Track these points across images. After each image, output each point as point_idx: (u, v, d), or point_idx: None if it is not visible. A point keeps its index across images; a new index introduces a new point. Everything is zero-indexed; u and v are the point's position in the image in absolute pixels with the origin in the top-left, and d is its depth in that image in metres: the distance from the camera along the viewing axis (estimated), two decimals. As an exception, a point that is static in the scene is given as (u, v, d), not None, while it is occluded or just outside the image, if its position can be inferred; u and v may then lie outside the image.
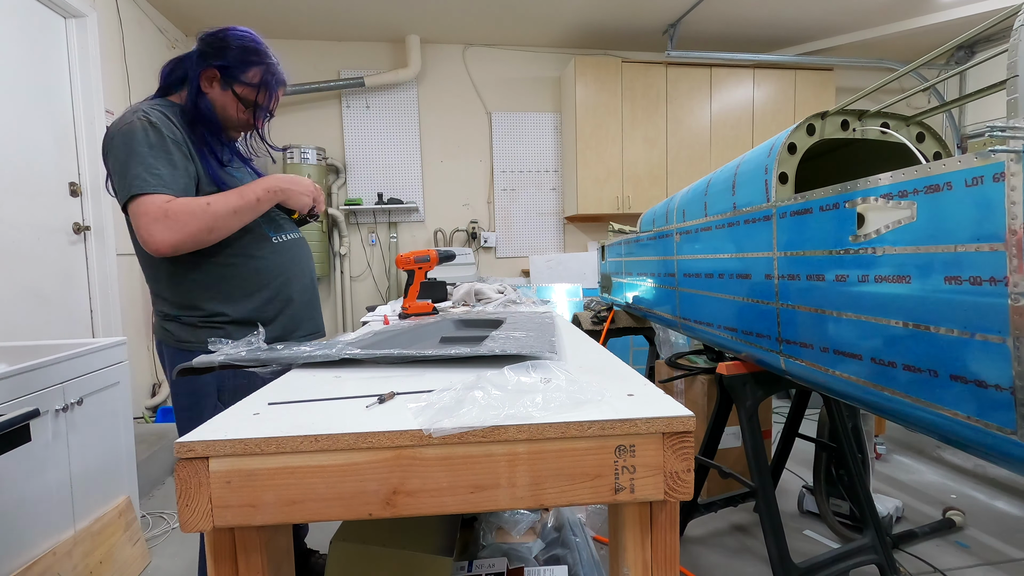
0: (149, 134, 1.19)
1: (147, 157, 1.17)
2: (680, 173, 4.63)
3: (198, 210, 1.19)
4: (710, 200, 1.64)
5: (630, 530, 0.70)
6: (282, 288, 1.37)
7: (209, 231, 1.21)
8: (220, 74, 1.29)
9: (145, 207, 1.16)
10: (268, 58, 1.33)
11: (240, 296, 1.31)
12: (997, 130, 0.75)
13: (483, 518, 1.43)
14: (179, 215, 1.17)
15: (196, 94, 1.29)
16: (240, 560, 0.67)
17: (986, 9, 3.99)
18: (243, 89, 1.31)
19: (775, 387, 1.62)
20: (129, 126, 1.19)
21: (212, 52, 1.29)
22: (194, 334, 1.29)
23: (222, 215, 1.22)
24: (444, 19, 4.23)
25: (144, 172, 1.17)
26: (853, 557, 1.67)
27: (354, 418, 0.67)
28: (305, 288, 1.44)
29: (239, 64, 1.29)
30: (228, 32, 1.31)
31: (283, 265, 1.38)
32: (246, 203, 1.26)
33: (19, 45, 2.58)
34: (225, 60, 1.29)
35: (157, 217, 1.16)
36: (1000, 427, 0.80)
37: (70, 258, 2.86)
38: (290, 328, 1.39)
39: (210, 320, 1.30)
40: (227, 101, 1.32)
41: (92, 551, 1.72)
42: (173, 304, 1.30)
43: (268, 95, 1.34)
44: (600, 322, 2.83)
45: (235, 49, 1.30)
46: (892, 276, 0.96)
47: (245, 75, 1.30)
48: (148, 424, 3.21)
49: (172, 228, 1.16)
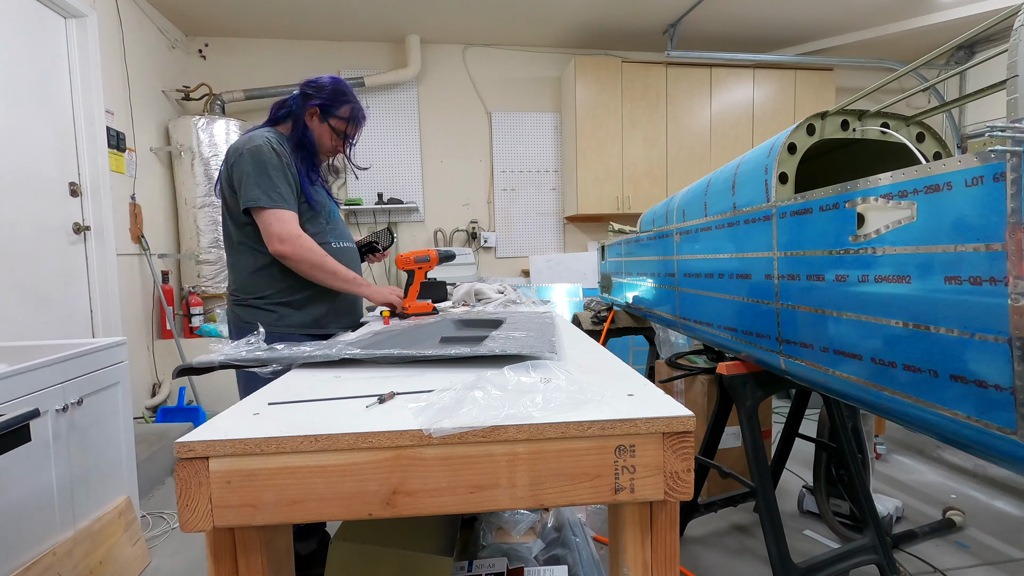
0: (273, 157, 1.52)
1: (273, 176, 1.51)
2: (680, 173, 4.63)
3: (318, 252, 1.54)
4: (710, 200, 1.64)
5: (630, 530, 0.70)
6: (330, 290, 1.64)
7: (311, 267, 1.54)
8: (319, 111, 1.62)
9: (283, 219, 1.50)
10: (355, 99, 1.68)
11: (298, 288, 1.60)
12: (997, 130, 0.75)
13: (483, 518, 1.43)
14: (305, 243, 1.52)
15: (303, 128, 1.62)
16: (240, 560, 0.67)
17: (986, 9, 3.99)
18: (336, 122, 1.64)
19: (775, 387, 1.62)
20: (258, 147, 1.51)
21: (313, 94, 1.62)
22: (252, 315, 1.57)
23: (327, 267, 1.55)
24: (444, 19, 4.23)
25: (271, 189, 1.50)
26: (853, 557, 1.67)
27: (354, 418, 0.67)
28: (348, 296, 1.72)
29: (334, 103, 1.62)
30: (323, 78, 1.66)
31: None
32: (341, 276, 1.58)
33: (19, 45, 2.58)
34: (323, 99, 1.61)
35: (292, 233, 1.51)
36: (1000, 427, 0.80)
37: (70, 258, 2.86)
38: (332, 317, 1.67)
39: (270, 303, 1.59)
40: (323, 131, 1.64)
41: (92, 551, 1.72)
42: (245, 291, 1.60)
43: (356, 127, 1.69)
44: (600, 322, 2.83)
45: (330, 91, 1.62)
46: (892, 276, 0.96)
47: (339, 111, 1.64)
48: (148, 424, 3.21)
49: (295, 248, 1.50)
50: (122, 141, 3.28)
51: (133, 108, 3.44)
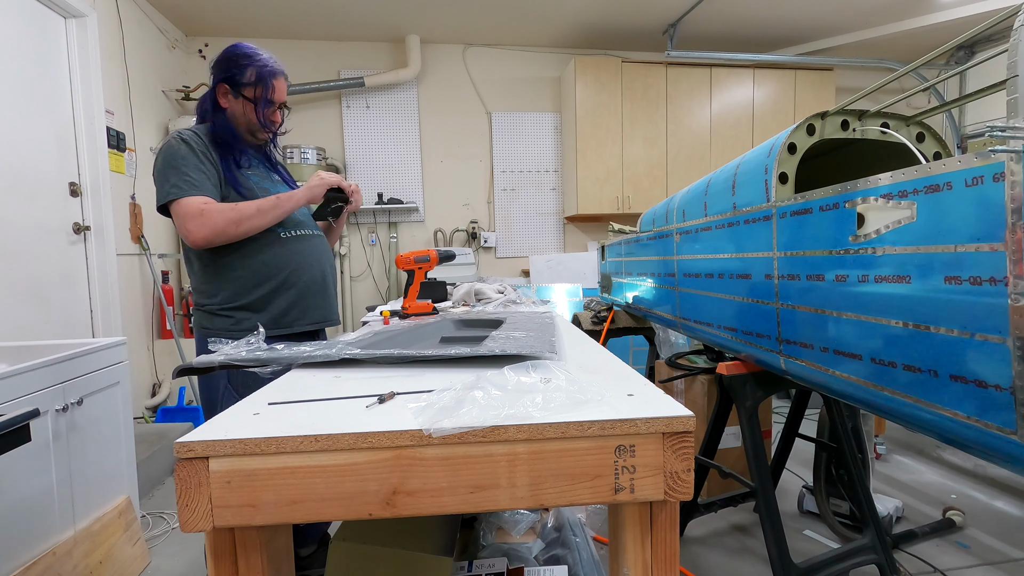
0: (182, 148, 1.42)
1: (181, 167, 1.41)
2: (680, 173, 4.63)
3: (226, 208, 1.41)
4: (710, 200, 1.64)
5: (630, 530, 0.70)
6: (288, 278, 1.52)
7: (236, 224, 1.41)
8: (228, 86, 1.50)
9: (184, 207, 1.39)
10: (258, 56, 1.51)
11: (250, 286, 1.49)
12: (997, 130, 0.75)
13: (483, 518, 1.43)
14: (211, 212, 1.39)
15: (214, 110, 1.52)
16: (240, 560, 0.67)
17: (986, 9, 3.99)
18: (246, 90, 1.50)
19: (775, 387, 1.62)
20: (167, 144, 1.44)
21: (217, 70, 1.51)
22: (211, 321, 1.49)
23: (246, 211, 1.43)
24: (444, 19, 4.23)
25: (179, 180, 1.40)
26: (853, 557, 1.67)
27: (354, 418, 0.67)
28: (314, 279, 1.58)
29: (237, 70, 1.49)
30: (225, 50, 1.53)
31: (289, 258, 1.53)
32: (267, 202, 1.46)
33: (19, 45, 2.58)
34: (227, 71, 1.50)
35: (193, 215, 1.38)
36: (1000, 427, 0.80)
37: (70, 258, 2.85)
38: (296, 315, 1.54)
39: (223, 308, 1.49)
40: (239, 106, 1.52)
41: (92, 551, 1.72)
42: (201, 295, 1.51)
43: (265, 86, 1.51)
44: (600, 322, 2.83)
45: (231, 60, 1.50)
46: (892, 276, 0.96)
47: (244, 77, 1.50)
48: (148, 424, 3.21)
49: (205, 224, 1.38)
50: (122, 141, 3.28)
51: (133, 108, 3.44)
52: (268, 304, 1.50)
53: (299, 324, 1.54)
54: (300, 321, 1.54)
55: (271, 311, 1.50)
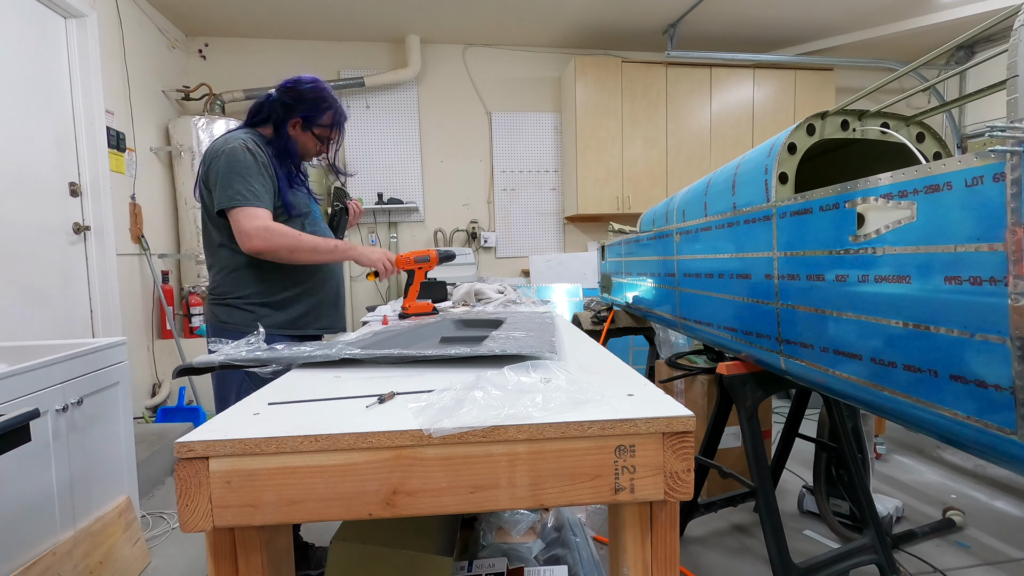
0: (247, 158, 1.50)
1: (247, 176, 1.49)
2: (680, 173, 4.63)
3: (291, 234, 1.52)
4: (710, 200, 1.64)
5: (630, 530, 0.70)
6: (310, 288, 1.66)
7: (290, 251, 1.52)
8: (302, 121, 1.62)
9: (251, 216, 1.48)
10: (336, 102, 1.66)
11: (279, 289, 1.61)
12: (997, 130, 0.75)
13: (483, 518, 1.43)
14: (275, 231, 1.49)
15: (286, 139, 1.61)
16: (240, 560, 0.67)
17: (986, 9, 3.99)
18: (320, 130, 1.65)
19: (775, 387, 1.62)
20: (233, 148, 1.50)
21: (293, 103, 1.60)
22: (230, 315, 1.58)
23: (305, 245, 1.54)
24: (444, 19, 4.23)
25: (244, 188, 1.48)
26: (853, 557, 1.67)
27: (354, 418, 0.67)
28: (331, 291, 1.73)
29: (315, 111, 1.62)
30: (302, 84, 1.62)
31: (315, 270, 1.67)
32: (325, 246, 1.57)
33: (19, 45, 2.58)
34: (305, 110, 1.61)
35: (260, 227, 1.47)
36: (1000, 427, 0.80)
37: (70, 258, 2.85)
38: (311, 319, 1.67)
39: (249, 303, 1.58)
40: (308, 140, 1.65)
41: (92, 551, 1.72)
42: (225, 289, 1.59)
43: (339, 133, 1.69)
44: (600, 322, 2.83)
45: (310, 100, 1.61)
46: (892, 276, 0.96)
47: (321, 119, 1.63)
48: (148, 424, 3.21)
49: (266, 239, 1.48)
50: (122, 141, 3.28)
51: (133, 108, 3.44)
52: (287, 306, 1.62)
53: (310, 328, 1.67)
54: (312, 325, 1.67)
55: (289, 313, 1.62)
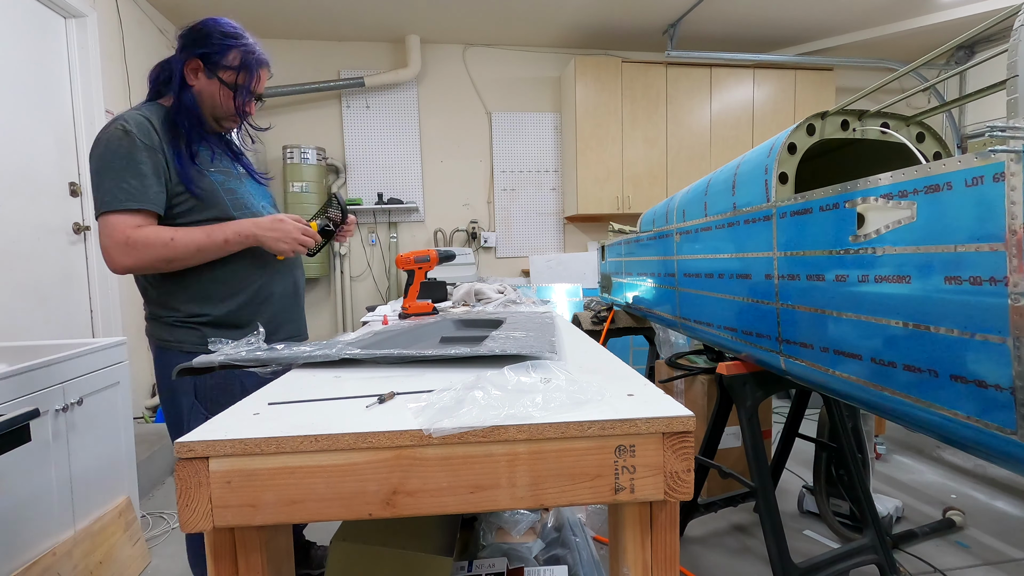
0: (123, 143, 1.21)
1: (119, 168, 1.20)
2: (680, 173, 4.63)
3: (159, 243, 1.21)
4: (710, 200, 1.64)
5: (630, 530, 0.70)
6: (260, 291, 1.38)
7: (167, 262, 1.24)
8: (203, 63, 1.30)
9: (110, 229, 1.20)
10: (245, 39, 1.33)
11: (218, 298, 1.32)
12: (997, 130, 0.75)
13: (483, 518, 1.43)
14: (138, 244, 1.20)
15: (180, 88, 1.30)
16: (240, 560, 0.67)
17: (986, 9, 3.99)
18: (226, 73, 1.31)
19: (775, 387, 1.62)
20: (107, 135, 1.22)
21: (192, 43, 1.30)
22: (171, 333, 1.32)
23: (182, 251, 1.23)
24: (444, 19, 4.23)
25: (114, 187, 1.19)
26: (853, 557, 1.67)
27: (354, 418, 0.67)
28: (286, 292, 1.44)
29: (219, 49, 1.29)
30: (205, 21, 1.31)
31: (262, 269, 1.38)
32: (212, 243, 1.26)
33: (19, 45, 2.58)
34: (205, 47, 1.29)
35: (119, 241, 1.19)
36: (1000, 427, 0.80)
37: (70, 258, 2.85)
38: (270, 331, 1.35)
39: (187, 320, 1.32)
40: (213, 89, 1.32)
41: (92, 551, 1.72)
42: (155, 304, 1.34)
43: (249, 75, 1.33)
44: (600, 322, 2.83)
45: (213, 35, 1.30)
46: (892, 276, 0.96)
47: (225, 59, 1.30)
48: (148, 424, 3.21)
49: (130, 255, 1.20)
50: (122, 141, 3.27)
51: (133, 108, 3.44)
52: (241, 320, 1.34)
53: (274, 338, 1.37)
54: (272, 338, 1.34)
55: (242, 329, 1.32)
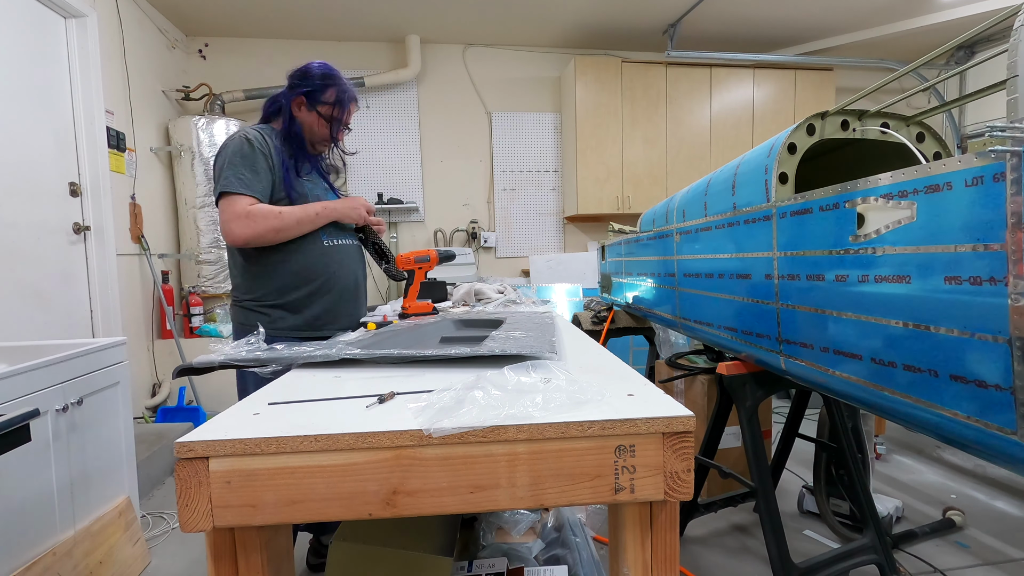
0: (244, 147, 1.49)
1: (239, 164, 1.48)
2: (680, 173, 4.63)
3: (271, 215, 1.48)
4: (710, 200, 1.64)
5: (630, 530, 0.70)
6: (325, 283, 1.61)
7: (277, 232, 1.49)
8: (306, 99, 1.60)
9: (232, 205, 1.45)
10: (340, 80, 1.63)
11: (291, 287, 1.57)
12: (997, 130, 0.75)
13: (483, 518, 1.43)
14: (256, 215, 1.46)
15: (290, 118, 1.60)
16: (240, 560, 0.67)
17: (986, 9, 3.99)
18: (323, 108, 1.61)
19: (775, 387, 1.62)
20: (231, 140, 1.51)
21: (298, 83, 1.60)
22: (247, 317, 1.55)
23: (289, 222, 1.51)
24: (444, 19, 4.23)
25: (233, 176, 1.46)
26: (853, 557, 1.67)
27: (354, 418, 0.67)
28: (347, 286, 1.67)
29: (319, 88, 1.59)
30: (310, 65, 1.62)
31: (329, 264, 1.61)
32: (307, 215, 1.54)
33: (19, 45, 2.58)
34: (308, 86, 1.59)
35: (240, 215, 1.45)
36: (1000, 427, 0.80)
37: (70, 258, 2.85)
38: (328, 319, 1.61)
39: (262, 305, 1.56)
40: (312, 119, 1.61)
41: (92, 551, 1.72)
42: (240, 290, 1.59)
43: (342, 109, 1.64)
44: (600, 322, 2.83)
45: (315, 77, 1.60)
46: (892, 276, 0.96)
47: (324, 95, 1.60)
48: (148, 424, 3.21)
49: (249, 226, 1.45)
50: (122, 141, 3.27)
51: (133, 108, 3.44)
52: (304, 307, 1.57)
53: (329, 328, 1.60)
54: (330, 325, 1.61)
55: (306, 314, 1.57)
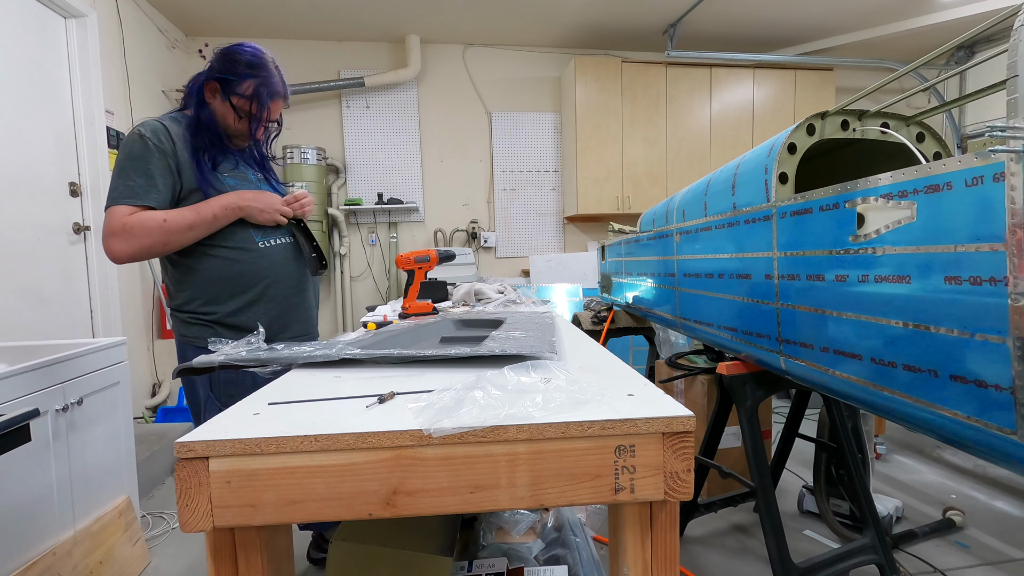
0: (135, 147, 1.31)
1: (127, 169, 1.30)
2: (680, 173, 4.63)
3: (153, 226, 1.29)
4: (710, 200, 1.64)
5: (630, 530, 0.70)
6: (266, 290, 1.43)
7: (164, 244, 1.31)
8: (220, 86, 1.39)
9: (108, 220, 1.28)
10: (264, 71, 1.40)
11: (225, 297, 1.40)
12: (997, 130, 0.75)
13: (483, 518, 1.43)
14: (134, 229, 1.28)
15: (197, 105, 1.40)
16: (240, 560, 0.67)
17: (986, 9, 3.99)
18: (238, 100, 1.40)
19: (775, 387, 1.62)
20: (126, 140, 1.33)
21: (218, 66, 1.39)
22: (189, 330, 1.41)
23: (176, 231, 1.31)
24: (444, 19, 4.23)
25: (120, 185, 1.29)
26: (853, 557, 1.67)
27: (354, 418, 0.67)
28: (292, 291, 1.49)
29: (237, 77, 1.38)
30: (235, 47, 1.41)
31: (267, 268, 1.44)
32: (201, 219, 1.33)
33: (19, 45, 2.58)
34: (226, 73, 1.38)
35: (115, 230, 1.27)
36: (1000, 427, 0.80)
37: (70, 258, 2.85)
38: (276, 329, 1.45)
39: (200, 318, 1.40)
40: (225, 111, 1.41)
41: (92, 551, 1.72)
42: (176, 301, 1.43)
43: (259, 106, 1.41)
44: (600, 322, 2.83)
45: (237, 63, 1.39)
46: (892, 276, 0.96)
47: (240, 87, 1.39)
48: (148, 424, 3.21)
49: (127, 241, 1.28)
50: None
51: (133, 108, 3.44)
52: (245, 318, 1.40)
53: (279, 339, 1.42)
54: (280, 336, 1.46)
55: (251, 327, 1.37)
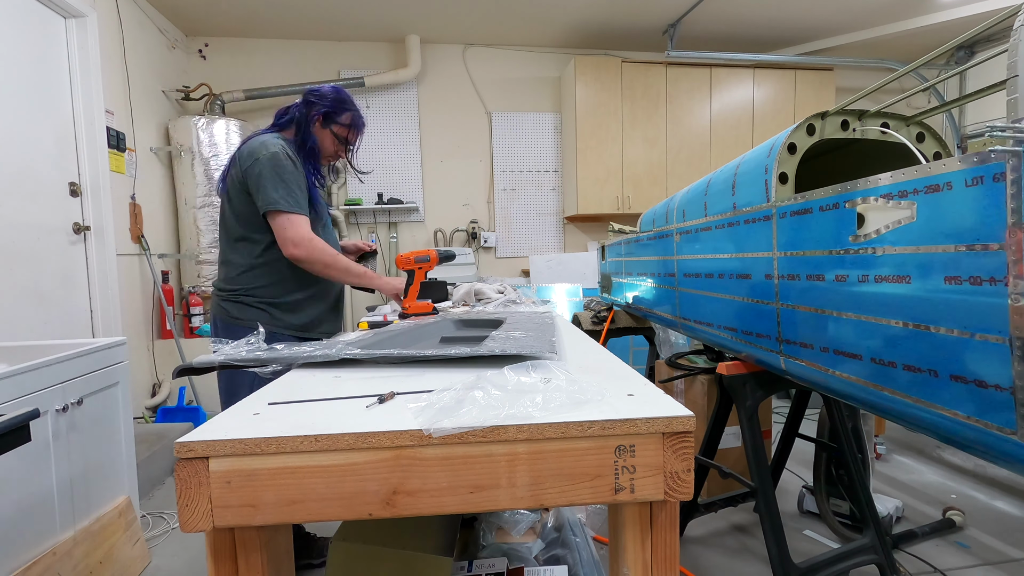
0: (288, 163, 1.62)
1: (289, 182, 1.61)
2: (680, 173, 4.63)
3: (328, 251, 1.65)
4: (710, 200, 1.64)
5: (630, 530, 0.70)
6: (319, 292, 1.76)
7: (325, 267, 1.65)
8: (323, 118, 1.73)
9: (296, 225, 1.60)
10: (355, 107, 1.79)
11: (292, 288, 1.70)
12: (997, 130, 0.75)
13: (483, 518, 1.43)
14: (316, 246, 1.62)
15: (306, 134, 1.71)
16: (240, 560, 0.67)
17: (986, 9, 3.99)
18: (338, 128, 1.76)
19: (775, 387, 1.62)
20: (275, 153, 1.60)
21: (316, 101, 1.72)
22: (243, 312, 1.66)
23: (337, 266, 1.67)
24: (444, 19, 4.23)
25: (287, 194, 1.60)
26: (853, 557, 1.67)
27: (354, 418, 0.67)
28: (337, 296, 1.86)
29: (336, 110, 1.73)
30: (331, 88, 1.76)
31: (319, 280, 1.74)
32: (355, 270, 1.72)
33: (19, 45, 2.58)
34: (326, 107, 1.72)
35: (304, 238, 1.60)
36: (1000, 427, 0.80)
37: (70, 258, 2.85)
38: (315, 324, 1.77)
39: (262, 302, 1.67)
40: (325, 137, 1.75)
41: (92, 551, 1.72)
42: (236, 285, 1.67)
43: (356, 133, 1.81)
44: (600, 322, 2.83)
45: (332, 99, 1.73)
46: (892, 276, 0.96)
47: (340, 118, 1.75)
48: (148, 424, 3.21)
49: (308, 252, 1.61)
50: (122, 141, 3.28)
51: (133, 108, 3.44)
52: (296, 310, 1.71)
53: (315, 332, 1.76)
54: (316, 330, 1.77)
55: (299, 316, 1.72)
